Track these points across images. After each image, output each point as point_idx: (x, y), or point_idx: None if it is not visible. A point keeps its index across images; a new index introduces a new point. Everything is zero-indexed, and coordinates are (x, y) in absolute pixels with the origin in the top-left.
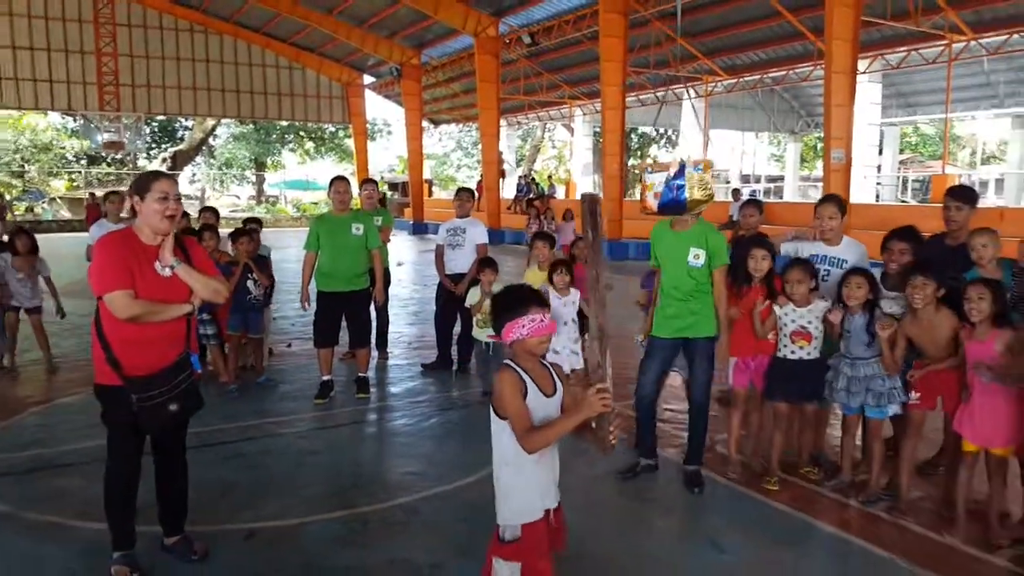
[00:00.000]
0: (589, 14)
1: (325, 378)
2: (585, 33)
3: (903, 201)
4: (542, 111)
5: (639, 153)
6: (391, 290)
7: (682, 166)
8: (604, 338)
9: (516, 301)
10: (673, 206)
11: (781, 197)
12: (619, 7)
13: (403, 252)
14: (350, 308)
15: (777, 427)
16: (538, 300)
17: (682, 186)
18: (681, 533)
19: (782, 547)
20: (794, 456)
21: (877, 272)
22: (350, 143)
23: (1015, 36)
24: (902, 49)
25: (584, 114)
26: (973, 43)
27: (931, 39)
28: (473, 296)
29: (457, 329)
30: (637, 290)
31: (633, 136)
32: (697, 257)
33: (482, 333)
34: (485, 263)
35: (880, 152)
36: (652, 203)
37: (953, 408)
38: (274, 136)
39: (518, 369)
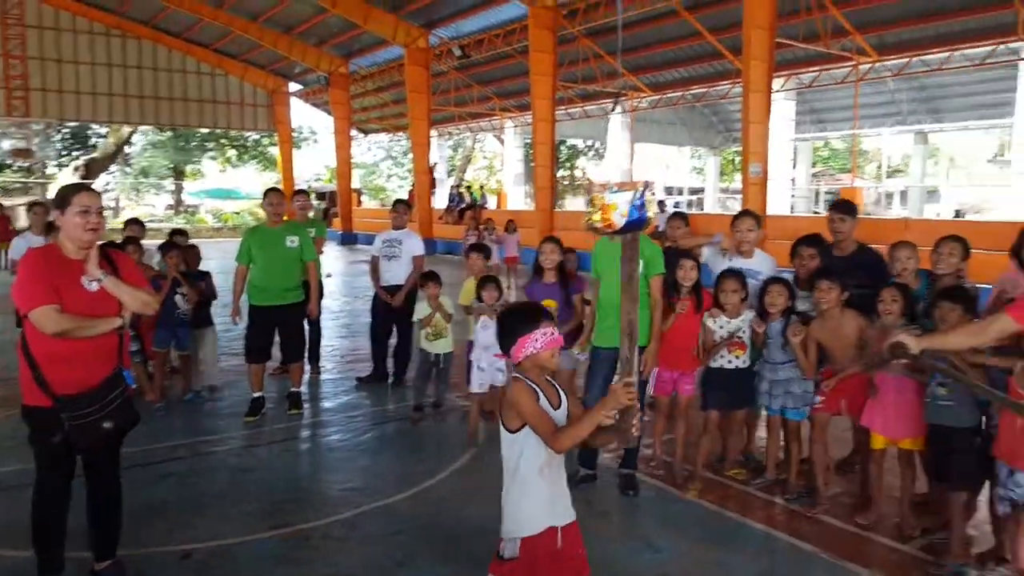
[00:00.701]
0: (519, 28)
1: (256, 395)
2: (515, 47)
3: (816, 212)
4: (473, 122)
5: (568, 165)
6: (323, 303)
7: (645, 186)
8: (634, 333)
9: (526, 316)
10: (637, 224)
11: (702, 209)
12: (548, 23)
13: (332, 263)
14: (283, 322)
15: (707, 434)
16: (547, 314)
17: (644, 206)
18: (618, 536)
19: (713, 545)
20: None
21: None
22: (274, 151)
23: (915, 59)
24: (814, 69)
25: (515, 126)
26: (878, 64)
27: (840, 60)
28: (421, 310)
29: (393, 341)
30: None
31: (563, 148)
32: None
33: (432, 346)
34: (428, 276)
35: (794, 166)
36: (619, 222)
37: (857, 409)
38: (194, 143)
39: (527, 381)
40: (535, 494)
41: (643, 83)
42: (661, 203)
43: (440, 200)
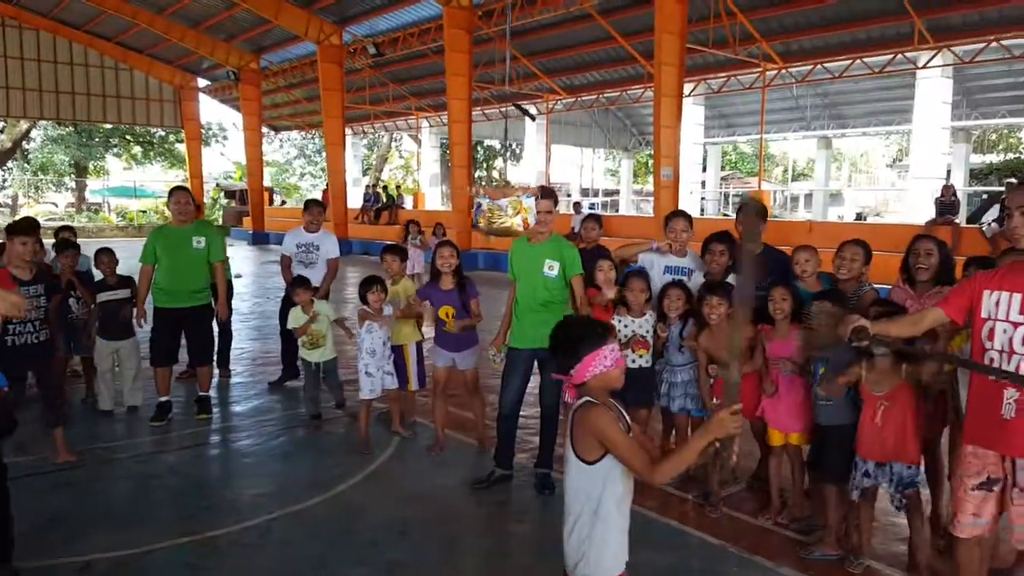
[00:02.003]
0: (434, 28)
1: (162, 399)
2: (431, 47)
3: (725, 215)
4: (388, 121)
5: (484, 165)
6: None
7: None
8: (741, 359)
9: (591, 333)
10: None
11: (617, 210)
12: (463, 23)
13: (242, 264)
14: (191, 325)
15: None
16: (610, 328)
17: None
18: (534, 535)
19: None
20: None
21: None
22: (182, 148)
23: (819, 66)
24: (722, 75)
25: (431, 126)
26: (784, 71)
27: (747, 66)
28: (296, 318)
29: None
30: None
31: (479, 148)
32: (552, 268)
33: (311, 355)
34: (298, 282)
35: (704, 169)
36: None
37: (750, 412)
38: (97, 139)
39: (602, 404)
40: (617, 531)
41: (558, 85)
42: (577, 205)
43: (355, 200)
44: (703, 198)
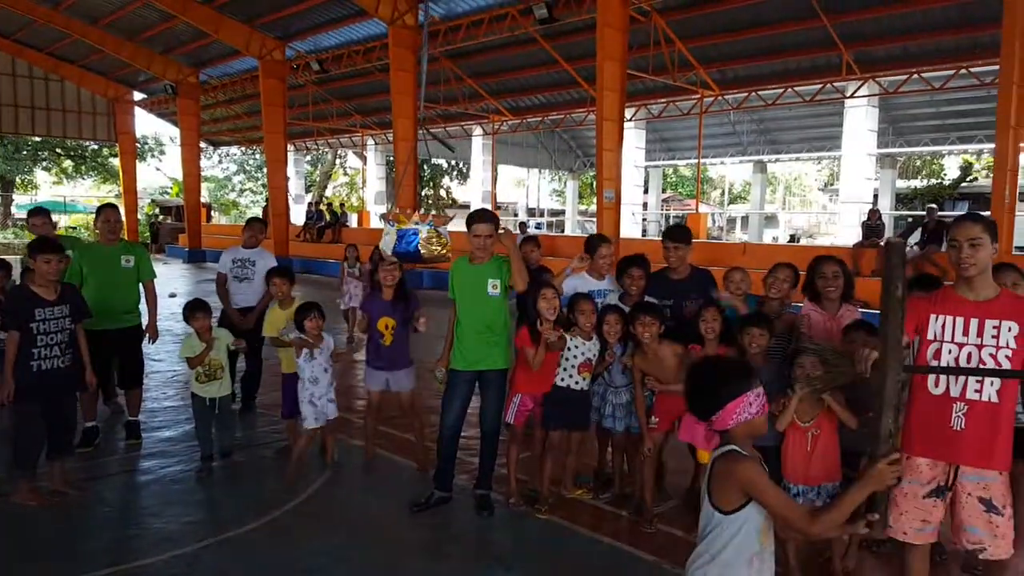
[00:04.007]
0: (379, 46)
1: (88, 424)
2: (375, 64)
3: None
4: (333, 138)
5: (431, 184)
6: (165, 324)
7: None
8: (894, 405)
9: (736, 375)
10: (405, 256)
11: (563, 231)
12: (408, 42)
13: (177, 283)
14: (121, 347)
15: (548, 454)
16: (756, 372)
17: (415, 240)
18: (471, 556)
19: (562, 560)
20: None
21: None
22: (116, 162)
23: (753, 94)
24: (662, 100)
25: (377, 143)
26: (720, 98)
27: (686, 93)
28: (191, 346)
29: (241, 365)
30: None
31: (425, 167)
32: (495, 287)
33: (205, 389)
34: (195, 307)
35: (646, 191)
36: (388, 250)
37: (669, 426)
38: (25, 152)
39: (749, 455)
40: None
41: (504, 107)
42: (523, 225)
43: (298, 217)
44: (644, 219)
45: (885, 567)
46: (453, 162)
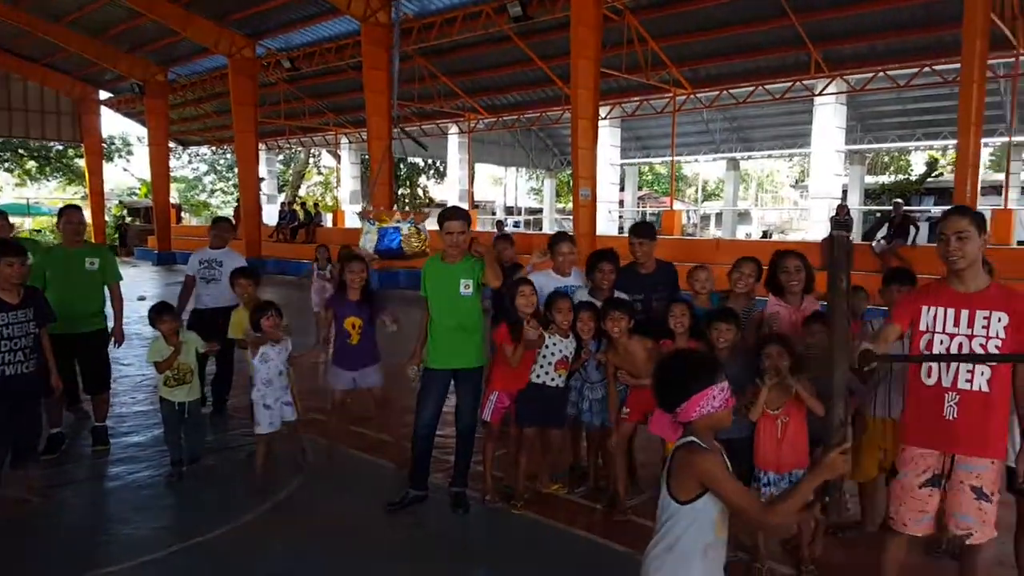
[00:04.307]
0: (352, 44)
1: (54, 431)
2: (348, 62)
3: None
4: (306, 136)
5: (408, 183)
6: (134, 328)
7: (408, 219)
8: (843, 395)
9: (702, 369)
10: (388, 253)
11: (540, 229)
12: (381, 40)
13: (147, 285)
14: (86, 351)
15: (523, 450)
16: (721, 364)
17: (396, 237)
18: (447, 554)
19: (537, 554)
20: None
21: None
22: (82, 163)
23: (724, 92)
24: (636, 99)
25: (351, 142)
26: (693, 96)
27: (659, 91)
28: (158, 350)
29: (211, 369)
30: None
31: (402, 166)
32: (467, 287)
33: (173, 393)
34: (160, 309)
35: (622, 189)
36: (369, 248)
37: (642, 418)
38: None
39: (709, 447)
40: (694, 572)
41: (480, 105)
42: (500, 223)
43: (270, 217)
44: (620, 216)
45: (850, 552)
46: (430, 161)
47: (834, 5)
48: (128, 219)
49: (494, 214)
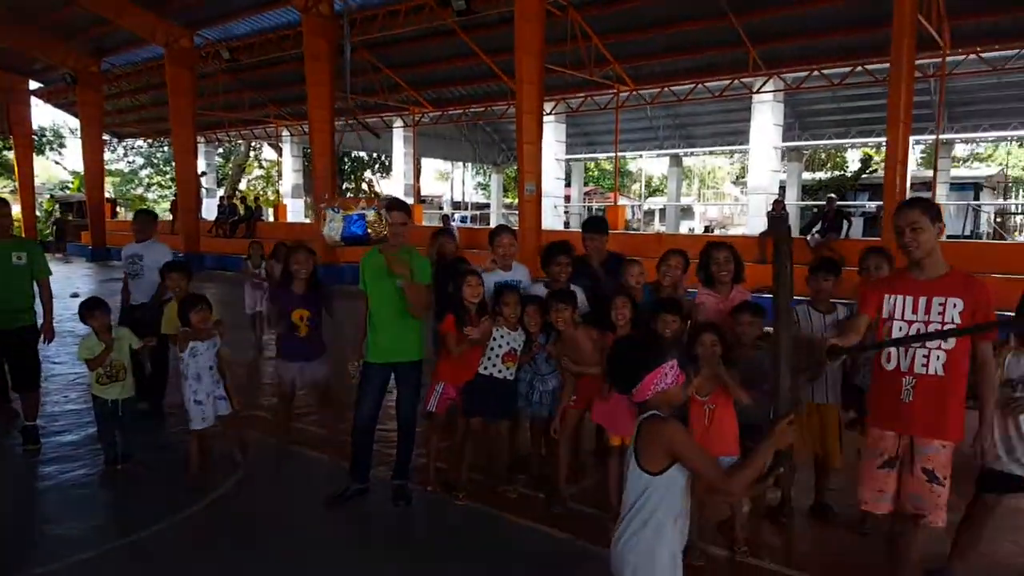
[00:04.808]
0: (293, 35)
1: None
2: (290, 53)
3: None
4: (246, 129)
5: (352, 177)
6: (67, 325)
7: (367, 205)
8: (791, 368)
9: (652, 350)
10: (355, 240)
11: (488, 224)
12: (322, 31)
13: (80, 282)
14: (14, 348)
15: (467, 441)
16: (671, 346)
17: (363, 223)
18: (388, 545)
19: (478, 542)
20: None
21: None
22: (10, 156)
23: (666, 89)
24: (580, 95)
25: (292, 135)
26: (635, 93)
27: (603, 88)
28: (89, 347)
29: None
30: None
31: (346, 160)
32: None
33: (106, 391)
34: (92, 304)
35: (568, 184)
36: (336, 236)
37: (586, 407)
38: None
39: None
40: (669, 544)
41: (425, 99)
42: (445, 218)
43: (210, 212)
44: (567, 211)
45: (782, 535)
46: (375, 155)
47: (770, 5)
48: (64, 214)
49: (441, 209)
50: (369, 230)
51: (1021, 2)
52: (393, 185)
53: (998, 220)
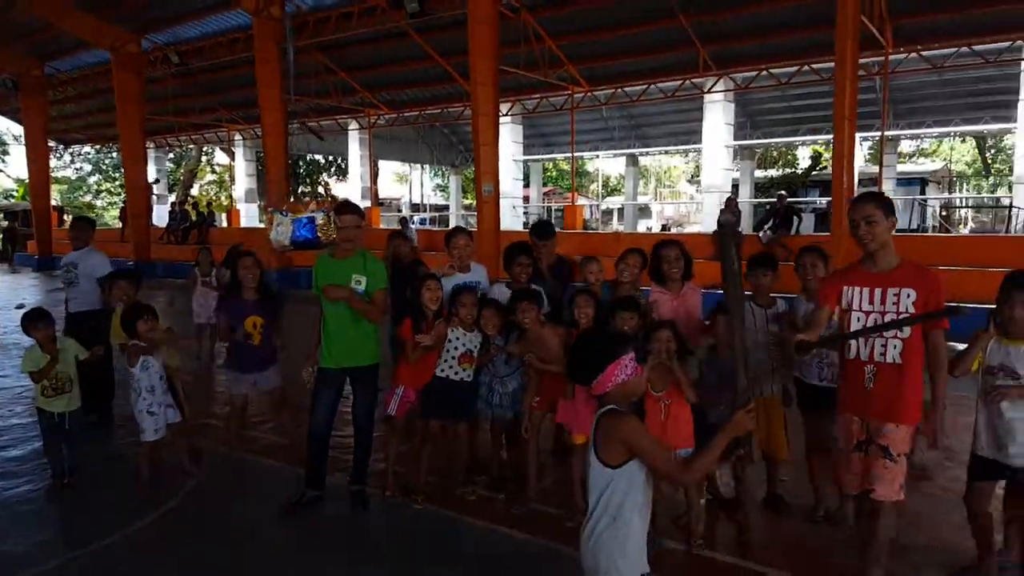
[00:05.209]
0: (244, 38)
1: None
2: (240, 57)
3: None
4: (197, 134)
5: (308, 180)
6: (12, 337)
7: (317, 209)
8: (747, 360)
9: (612, 342)
10: (305, 244)
11: (447, 225)
12: (273, 34)
13: (26, 292)
14: None
15: (426, 445)
16: (627, 337)
17: (312, 226)
18: (345, 551)
19: (437, 545)
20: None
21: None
22: None
23: (620, 90)
24: (536, 96)
25: (245, 139)
26: (590, 94)
27: (558, 89)
28: (34, 359)
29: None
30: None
31: (301, 163)
32: (359, 283)
33: (52, 404)
34: (34, 316)
35: (527, 185)
36: (285, 240)
37: (549, 406)
38: None
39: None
40: (638, 535)
41: (380, 101)
42: (403, 220)
43: (161, 218)
44: (526, 212)
45: (737, 527)
46: (331, 158)
47: (719, 6)
48: (9, 223)
49: (399, 211)
50: (319, 233)
51: (959, 2)
52: (350, 188)
53: (943, 214)
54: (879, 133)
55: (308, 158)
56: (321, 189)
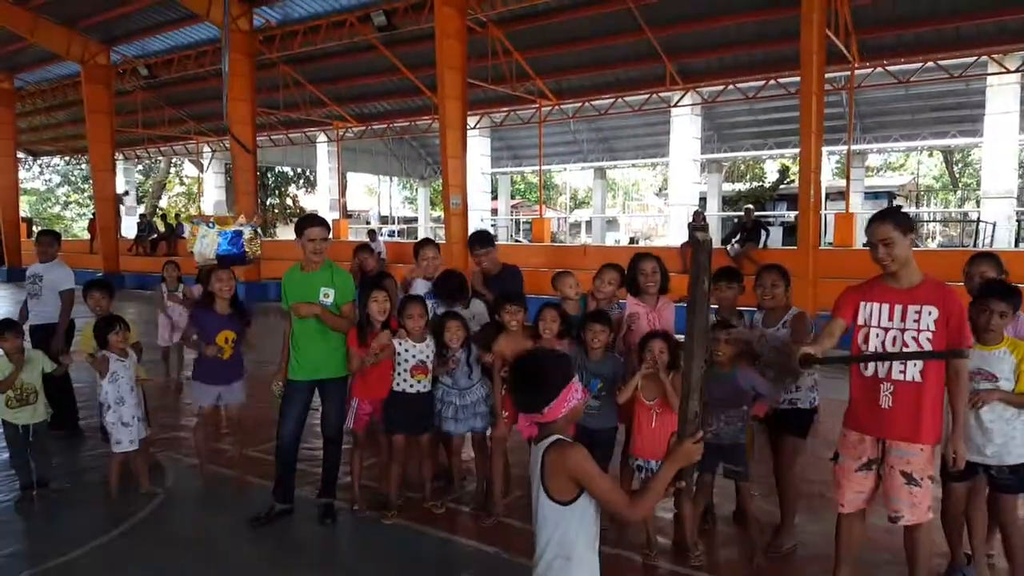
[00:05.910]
0: (212, 51)
1: None
2: (209, 70)
3: (516, 240)
4: (166, 145)
5: (277, 192)
6: None
7: (244, 223)
8: (699, 389)
9: (562, 364)
10: (231, 259)
11: (416, 237)
12: (244, 47)
13: None
14: None
15: (395, 459)
16: (571, 357)
17: (240, 242)
18: (315, 565)
19: (407, 559)
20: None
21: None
22: None
23: (587, 103)
24: (504, 109)
25: (214, 150)
26: (558, 108)
27: (525, 102)
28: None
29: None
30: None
31: (269, 175)
32: (327, 296)
33: (16, 416)
34: (2, 326)
35: (495, 197)
36: (210, 254)
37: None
38: None
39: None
40: (594, 569)
41: (348, 113)
42: (372, 232)
43: (130, 230)
44: (494, 224)
45: (705, 542)
46: (300, 170)
47: (685, 20)
48: None
49: (368, 223)
50: (246, 248)
51: (922, 18)
52: (319, 200)
53: None
54: (846, 147)
55: (276, 170)
56: (289, 200)
